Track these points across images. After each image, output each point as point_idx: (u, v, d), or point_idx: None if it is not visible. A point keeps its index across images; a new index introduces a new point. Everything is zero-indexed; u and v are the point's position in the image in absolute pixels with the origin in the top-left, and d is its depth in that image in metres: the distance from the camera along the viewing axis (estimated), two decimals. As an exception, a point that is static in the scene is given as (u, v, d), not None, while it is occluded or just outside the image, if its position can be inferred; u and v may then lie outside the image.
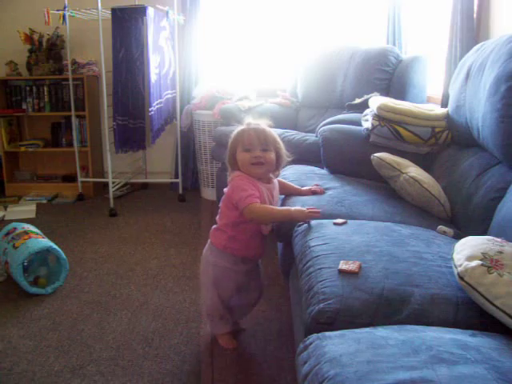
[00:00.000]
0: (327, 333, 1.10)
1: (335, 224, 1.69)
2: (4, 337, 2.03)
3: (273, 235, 1.96)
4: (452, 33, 2.81)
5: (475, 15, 2.72)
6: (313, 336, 1.10)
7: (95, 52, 3.84)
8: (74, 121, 4.07)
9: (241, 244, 1.83)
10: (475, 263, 1.19)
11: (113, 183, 3.77)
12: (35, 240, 2.44)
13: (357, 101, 3.14)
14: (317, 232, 1.64)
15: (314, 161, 2.67)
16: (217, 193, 3.62)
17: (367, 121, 2.54)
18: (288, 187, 2.09)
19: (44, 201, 4.01)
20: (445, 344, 0.99)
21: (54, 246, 2.44)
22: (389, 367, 0.91)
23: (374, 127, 2.45)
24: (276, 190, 1.88)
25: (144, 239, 3.15)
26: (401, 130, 2.40)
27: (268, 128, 1.82)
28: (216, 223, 1.89)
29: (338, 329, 1.13)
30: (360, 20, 3.92)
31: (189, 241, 3.11)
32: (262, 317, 2.17)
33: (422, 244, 1.52)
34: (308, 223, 1.73)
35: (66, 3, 3.69)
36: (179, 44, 3.99)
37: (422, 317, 1.17)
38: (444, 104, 2.78)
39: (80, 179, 4.11)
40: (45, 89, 4.16)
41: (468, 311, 1.19)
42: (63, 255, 2.45)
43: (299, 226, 1.77)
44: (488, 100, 1.82)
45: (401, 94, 3.05)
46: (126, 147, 3.78)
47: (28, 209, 3.78)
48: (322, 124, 2.90)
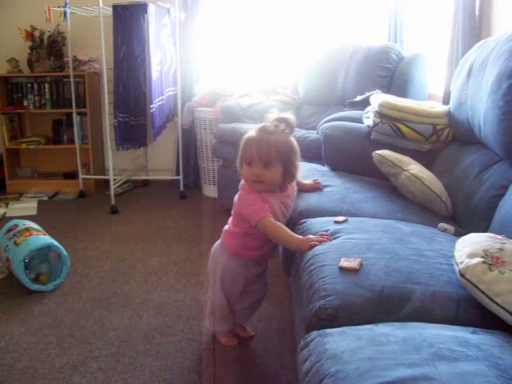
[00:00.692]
0: (328, 330, 1.10)
1: (336, 222, 1.69)
2: (5, 333, 2.04)
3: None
4: (454, 30, 2.81)
5: (477, 12, 2.71)
6: (314, 333, 1.10)
7: (96, 49, 3.83)
8: (75, 118, 4.07)
9: (251, 251, 1.78)
10: (476, 260, 1.19)
11: (114, 180, 3.77)
12: (36, 237, 2.44)
13: (358, 98, 3.13)
14: (318, 230, 1.64)
15: (316, 158, 2.66)
16: (218, 190, 3.62)
17: (368, 118, 2.54)
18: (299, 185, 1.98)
19: (45, 198, 4.02)
20: (446, 341, 0.99)
21: (56, 243, 2.44)
22: (390, 364, 0.91)
23: (376, 124, 2.44)
24: (292, 197, 1.80)
25: (145, 236, 3.15)
26: (402, 128, 2.39)
27: (279, 137, 1.64)
28: (227, 224, 1.84)
29: (339, 326, 1.13)
30: (361, 17, 3.91)
31: (190, 238, 3.11)
32: (263, 314, 2.17)
33: (423, 241, 1.52)
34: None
35: (67, 0, 3.68)
36: (180, 41, 4.00)
37: (423, 314, 1.17)
38: (445, 101, 2.78)
39: (81, 176, 4.11)
40: (46, 86, 4.16)
41: (469, 308, 1.19)
42: (64, 252, 2.46)
43: (300, 225, 1.77)
44: (490, 97, 1.82)
45: (402, 92, 3.04)
46: (127, 144, 3.79)
47: (29, 206, 3.79)
48: (324, 121, 2.89)
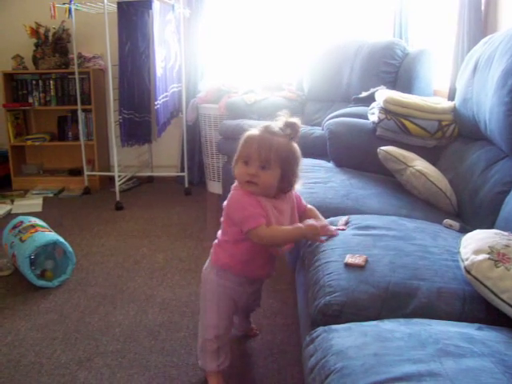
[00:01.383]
0: (334, 326, 1.10)
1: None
2: (12, 329, 2.05)
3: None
4: (459, 25, 2.79)
5: (483, 7, 2.70)
6: (319, 329, 1.10)
7: (101, 46, 3.84)
8: (80, 114, 4.08)
9: (242, 264, 1.58)
10: (482, 257, 1.18)
11: (119, 177, 3.78)
12: (42, 233, 2.45)
13: (363, 94, 3.12)
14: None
15: (321, 154, 2.66)
16: (223, 186, 3.62)
17: (373, 114, 2.53)
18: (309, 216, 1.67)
19: (50, 194, 4.03)
20: (451, 337, 0.99)
21: (61, 240, 2.45)
22: (395, 360, 0.91)
23: (381, 120, 2.44)
24: (288, 204, 1.59)
25: (150, 233, 3.16)
26: (407, 124, 2.39)
27: (282, 140, 1.50)
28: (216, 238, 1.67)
29: (345, 322, 1.13)
30: (366, 13, 3.89)
31: (195, 234, 3.11)
32: (269, 310, 2.18)
33: (429, 238, 1.51)
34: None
35: (72, -3, 3.69)
36: (185, 37, 3.99)
37: (429, 310, 1.17)
38: (451, 97, 2.76)
39: (86, 173, 4.12)
40: (51, 82, 4.17)
41: (474, 305, 1.19)
42: (70, 248, 2.46)
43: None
44: (496, 93, 1.81)
45: (407, 88, 3.03)
46: (132, 141, 3.79)
47: (34, 202, 3.80)
48: (329, 117, 2.89)
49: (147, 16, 3.59)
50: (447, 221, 1.76)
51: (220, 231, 1.63)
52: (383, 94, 2.51)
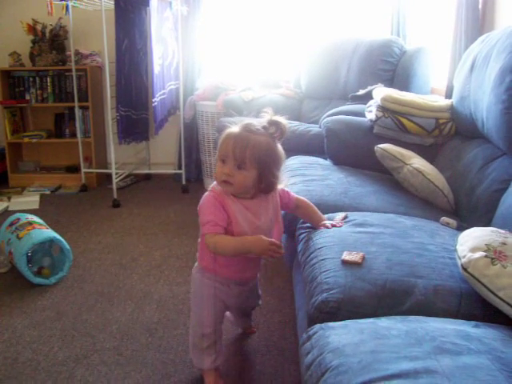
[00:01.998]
0: (330, 323, 1.10)
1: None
2: (8, 326, 2.04)
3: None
4: (457, 23, 2.79)
5: (480, 6, 2.70)
6: (316, 326, 1.11)
7: (98, 43, 3.83)
8: (78, 112, 4.07)
9: (221, 267, 1.53)
10: (479, 254, 1.19)
11: (116, 174, 3.77)
12: (39, 231, 2.45)
13: (361, 92, 3.13)
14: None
15: (318, 152, 2.66)
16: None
17: (371, 112, 2.53)
18: (308, 213, 1.68)
19: (47, 192, 4.02)
20: (448, 335, 1.00)
21: (58, 237, 2.44)
22: (392, 357, 0.91)
23: (378, 118, 2.44)
24: (269, 205, 1.53)
25: (147, 230, 3.16)
26: (405, 122, 2.39)
27: (262, 139, 1.45)
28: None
29: (341, 319, 1.13)
30: (364, 11, 3.89)
31: (192, 232, 3.11)
32: (265, 307, 2.18)
33: (426, 235, 1.52)
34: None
35: (69, -7, 3.67)
36: (182, 35, 3.99)
37: (426, 308, 1.17)
38: (448, 95, 2.77)
39: (83, 170, 4.11)
40: (48, 79, 4.15)
41: (471, 302, 1.19)
42: (67, 246, 2.46)
43: (304, 223, 1.74)
44: (493, 91, 1.81)
45: (405, 85, 3.03)
46: (130, 138, 3.79)
47: (31, 200, 3.79)
48: (326, 115, 2.89)
49: (145, 13, 3.58)
50: (444, 218, 1.77)
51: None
52: (381, 92, 2.51)
